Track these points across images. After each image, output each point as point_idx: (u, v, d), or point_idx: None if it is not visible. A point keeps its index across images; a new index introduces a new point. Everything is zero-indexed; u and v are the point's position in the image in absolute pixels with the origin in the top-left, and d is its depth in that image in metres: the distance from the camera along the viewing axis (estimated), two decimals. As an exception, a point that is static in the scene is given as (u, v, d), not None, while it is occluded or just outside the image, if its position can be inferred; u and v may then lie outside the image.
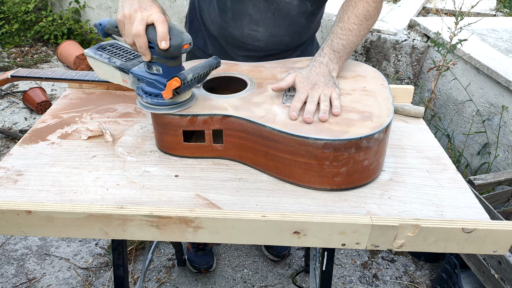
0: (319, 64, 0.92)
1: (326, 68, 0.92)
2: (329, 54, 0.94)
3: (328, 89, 0.86)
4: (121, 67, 0.85)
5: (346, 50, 0.96)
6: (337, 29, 0.98)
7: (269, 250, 1.85)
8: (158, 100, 0.82)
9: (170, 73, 0.80)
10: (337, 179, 0.78)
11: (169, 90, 0.78)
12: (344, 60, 0.97)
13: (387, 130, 0.78)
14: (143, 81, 0.83)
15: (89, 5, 3.88)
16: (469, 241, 0.70)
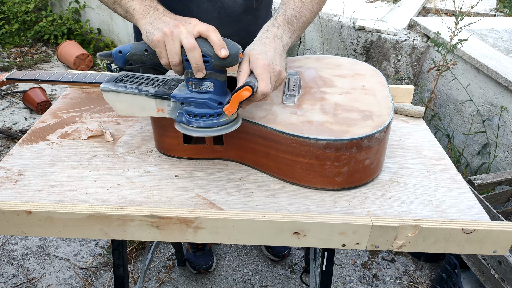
0: (273, 36, 0.80)
1: (281, 42, 0.80)
2: (282, 26, 0.83)
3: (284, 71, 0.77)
4: (158, 94, 0.76)
5: (300, 24, 0.87)
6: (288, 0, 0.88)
7: (269, 250, 1.85)
8: (213, 121, 0.74)
9: (222, 89, 0.74)
10: (339, 179, 0.78)
11: (235, 103, 0.70)
12: (296, 37, 0.87)
13: (387, 129, 0.78)
14: (190, 104, 0.74)
15: (89, 5, 3.88)
16: (469, 242, 0.70)
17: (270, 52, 0.75)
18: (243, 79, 0.72)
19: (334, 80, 0.94)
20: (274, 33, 0.81)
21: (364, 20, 2.38)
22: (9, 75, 0.99)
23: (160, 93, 0.76)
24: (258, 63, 0.73)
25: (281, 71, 0.75)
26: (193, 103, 0.74)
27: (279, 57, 0.76)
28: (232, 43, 0.72)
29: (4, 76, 0.99)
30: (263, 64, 0.72)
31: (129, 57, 0.78)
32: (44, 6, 4.11)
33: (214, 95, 0.73)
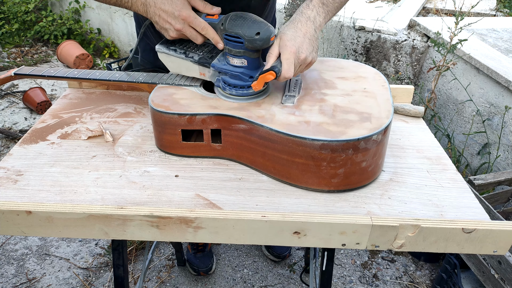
0: (306, 19, 0.85)
1: (313, 25, 0.85)
2: (317, 7, 0.88)
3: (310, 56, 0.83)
4: (201, 61, 0.88)
5: (335, 5, 0.90)
6: None
7: (270, 251, 1.85)
8: (243, 91, 0.85)
9: (255, 64, 0.84)
10: (335, 180, 0.78)
11: (261, 82, 0.81)
12: (330, 17, 0.91)
13: (386, 131, 0.78)
14: (225, 74, 0.86)
15: (89, 5, 3.88)
16: (469, 241, 0.70)
17: (299, 38, 0.82)
18: (271, 62, 0.81)
19: (336, 82, 0.93)
20: (308, 16, 0.85)
21: (364, 20, 2.38)
22: (17, 70, 1.00)
23: (202, 61, 0.88)
24: (285, 49, 0.80)
25: (307, 58, 0.82)
26: (228, 74, 0.85)
27: (307, 42, 0.82)
28: (266, 27, 0.80)
29: (12, 71, 1.00)
30: (290, 51, 0.80)
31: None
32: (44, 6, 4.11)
33: (247, 69, 0.84)
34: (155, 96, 0.88)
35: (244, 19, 0.81)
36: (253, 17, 0.82)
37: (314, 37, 0.85)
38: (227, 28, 0.81)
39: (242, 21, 0.81)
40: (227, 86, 0.86)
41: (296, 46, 0.81)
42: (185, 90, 0.91)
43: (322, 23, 0.88)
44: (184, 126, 0.84)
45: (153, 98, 0.87)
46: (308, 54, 0.82)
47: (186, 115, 0.83)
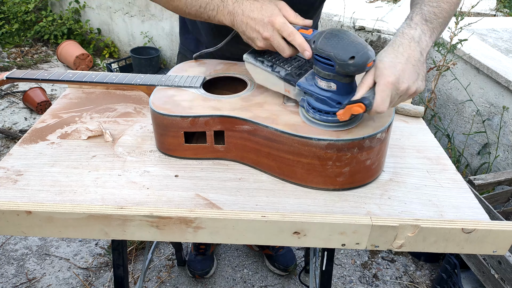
0: (409, 41, 0.72)
1: (418, 47, 0.72)
2: (421, 25, 0.74)
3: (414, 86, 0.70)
4: (287, 78, 0.80)
5: (439, 20, 0.76)
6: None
7: (275, 265, 1.78)
8: (328, 118, 0.75)
9: (345, 90, 0.74)
10: (340, 179, 0.78)
11: (348, 113, 0.71)
12: (437, 36, 0.77)
13: (388, 129, 0.78)
14: (311, 96, 0.77)
15: (89, 5, 3.88)
16: (469, 241, 0.70)
17: (400, 65, 0.69)
18: (362, 92, 0.70)
19: None
20: (411, 36, 0.73)
21: (364, 20, 2.38)
22: (9, 74, 0.99)
23: (288, 77, 0.80)
24: (382, 79, 0.69)
25: (409, 88, 0.69)
26: (313, 97, 0.77)
27: (411, 69, 0.70)
28: (363, 51, 0.69)
29: (4, 75, 0.99)
30: (387, 81, 0.68)
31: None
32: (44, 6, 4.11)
33: (335, 94, 0.74)
34: (155, 98, 0.88)
35: (340, 38, 0.70)
36: (351, 37, 0.70)
37: (420, 62, 0.72)
38: (318, 47, 0.72)
39: (337, 41, 0.70)
40: (311, 109, 0.77)
41: (395, 75, 0.68)
42: (185, 92, 0.90)
43: (428, 43, 0.74)
44: (187, 129, 0.83)
45: (154, 100, 0.87)
46: (411, 83, 0.69)
47: (189, 117, 0.82)
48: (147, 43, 3.59)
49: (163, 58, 3.63)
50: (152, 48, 3.52)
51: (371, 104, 0.69)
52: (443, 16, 0.77)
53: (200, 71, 1.00)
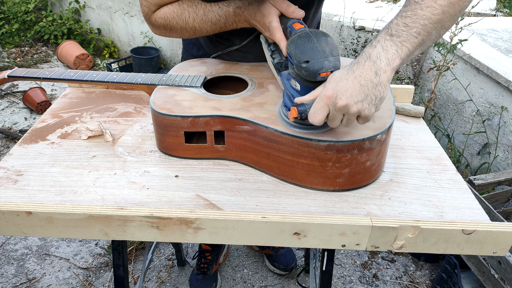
0: (365, 59, 0.68)
1: (373, 66, 0.67)
2: (383, 41, 0.69)
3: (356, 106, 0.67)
4: (276, 66, 0.85)
5: (413, 31, 0.68)
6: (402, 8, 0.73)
7: (275, 264, 1.78)
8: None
9: (306, 93, 0.74)
10: (340, 180, 0.78)
11: (291, 115, 0.72)
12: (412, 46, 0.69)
13: (389, 131, 0.78)
14: (284, 90, 0.80)
15: (89, 5, 3.88)
16: (469, 243, 0.70)
17: (344, 82, 0.67)
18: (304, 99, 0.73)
19: None
20: (368, 55, 0.69)
21: (364, 20, 2.38)
22: (11, 72, 0.99)
23: (277, 66, 0.85)
24: (322, 91, 0.69)
25: (348, 106, 0.66)
26: (285, 90, 0.80)
27: (356, 88, 0.66)
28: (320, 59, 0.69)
29: (5, 74, 0.99)
30: (324, 94, 0.68)
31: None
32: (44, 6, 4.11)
33: (298, 94, 0.76)
34: (156, 97, 0.88)
35: (309, 41, 0.70)
36: (321, 43, 0.69)
37: (372, 83, 0.66)
38: (288, 44, 0.74)
39: (304, 41, 0.70)
40: (283, 102, 0.80)
41: (335, 90, 0.67)
42: (186, 91, 0.90)
43: (391, 60, 0.68)
44: (187, 128, 0.83)
45: (154, 100, 0.86)
46: (352, 102, 0.66)
47: (189, 117, 0.82)
48: (147, 43, 3.59)
49: (163, 58, 3.63)
50: (152, 48, 3.52)
51: (304, 112, 0.70)
52: (421, 24, 0.69)
53: (201, 70, 1.00)
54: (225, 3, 0.89)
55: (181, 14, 0.90)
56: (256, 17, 0.87)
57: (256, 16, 0.86)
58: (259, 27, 0.88)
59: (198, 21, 0.90)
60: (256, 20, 0.87)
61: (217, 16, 0.89)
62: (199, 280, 1.68)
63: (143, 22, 3.57)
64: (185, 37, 0.96)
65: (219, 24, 0.91)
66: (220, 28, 0.91)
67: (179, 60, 3.51)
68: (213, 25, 0.91)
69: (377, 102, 0.68)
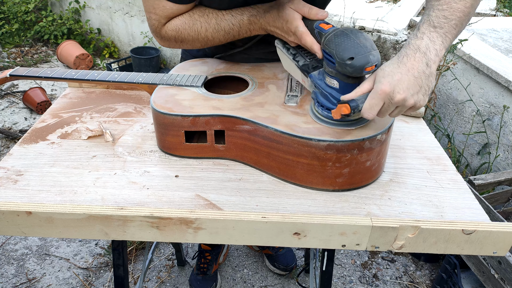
0: (414, 51, 0.69)
1: (424, 58, 0.68)
2: (428, 33, 0.71)
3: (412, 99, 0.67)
4: (303, 68, 0.83)
5: (452, 23, 0.72)
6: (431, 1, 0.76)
7: (276, 264, 1.78)
8: (329, 114, 0.76)
9: (347, 90, 0.73)
10: (340, 180, 0.78)
11: (338, 112, 0.71)
12: (452, 38, 0.73)
13: (389, 131, 0.78)
14: (318, 90, 0.79)
15: (89, 5, 3.88)
16: (469, 243, 0.70)
17: (399, 75, 0.67)
18: (355, 94, 0.71)
19: None
20: (417, 47, 0.69)
21: (364, 20, 2.38)
22: (13, 71, 0.99)
23: (304, 68, 0.83)
24: (378, 86, 0.68)
25: (406, 99, 0.67)
26: (319, 90, 0.79)
27: (411, 81, 0.67)
28: (365, 54, 0.69)
29: (7, 73, 0.99)
30: (380, 89, 0.67)
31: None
32: (44, 6, 4.11)
33: (337, 92, 0.75)
34: (156, 97, 0.88)
35: (347, 38, 0.71)
36: (359, 39, 0.70)
37: (425, 74, 0.68)
38: (324, 43, 0.74)
39: (343, 39, 0.70)
40: (317, 102, 0.79)
41: (391, 84, 0.66)
42: (186, 91, 0.90)
43: (439, 51, 0.70)
44: (188, 128, 0.83)
45: (155, 99, 0.87)
46: (409, 95, 0.66)
47: (189, 116, 0.82)
48: (147, 43, 3.59)
49: (163, 58, 3.63)
50: (152, 48, 3.52)
51: (357, 108, 0.69)
52: (457, 16, 0.73)
53: (202, 70, 1.00)
54: (238, 11, 0.87)
55: (193, 25, 0.88)
56: (277, 24, 0.84)
57: (276, 23, 0.84)
58: (279, 33, 0.86)
59: (210, 31, 0.89)
60: (276, 26, 0.85)
61: (230, 24, 0.88)
62: (199, 280, 1.68)
63: (143, 22, 3.57)
64: (196, 47, 0.94)
65: (233, 33, 0.89)
66: (233, 36, 0.90)
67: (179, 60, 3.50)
68: (226, 34, 0.89)
69: (429, 93, 0.70)
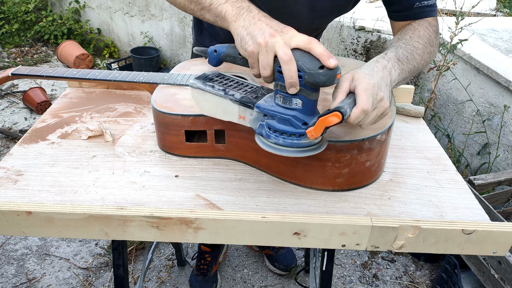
0: (383, 67, 0.74)
1: (389, 76, 0.74)
2: (393, 61, 0.77)
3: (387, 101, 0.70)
4: (243, 101, 0.72)
5: (409, 66, 0.80)
6: (399, 43, 0.84)
7: (276, 264, 1.78)
8: (293, 141, 0.68)
9: (310, 109, 0.68)
10: (339, 180, 0.78)
11: (320, 127, 0.64)
12: (404, 78, 0.80)
13: (389, 131, 0.78)
14: (273, 118, 0.69)
15: (89, 5, 3.88)
16: (469, 242, 0.70)
17: (377, 78, 0.70)
18: (339, 100, 0.68)
19: None
20: (384, 65, 0.75)
21: (364, 20, 2.38)
22: (14, 70, 0.99)
23: (245, 100, 0.73)
24: (363, 80, 0.68)
25: (384, 99, 0.69)
26: (276, 118, 0.69)
27: (384, 86, 0.70)
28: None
29: (9, 71, 0.99)
30: (368, 82, 0.68)
31: (223, 57, 0.77)
32: (44, 6, 4.11)
33: (301, 113, 0.67)
34: (157, 96, 0.88)
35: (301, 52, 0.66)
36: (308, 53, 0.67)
37: (391, 86, 0.73)
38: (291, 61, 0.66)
39: (301, 53, 0.65)
40: (272, 133, 0.69)
41: (375, 80, 0.69)
42: (187, 90, 0.90)
43: (396, 79, 0.76)
44: (188, 127, 0.83)
45: (156, 99, 0.87)
46: (386, 97, 0.69)
47: (190, 116, 0.82)
48: (147, 43, 3.59)
49: (163, 58, 3.63)
50: (152, 48, 3.52)
51: (346, 114, 0.65)
52: (413, 65, 0.81)
53: (203, 69, 1.00)
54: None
55: None
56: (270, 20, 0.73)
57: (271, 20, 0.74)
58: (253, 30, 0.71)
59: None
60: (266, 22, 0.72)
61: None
62: (198, 281, 1.68)
63: (143, 22, 3.57)
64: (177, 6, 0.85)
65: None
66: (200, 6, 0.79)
67: (179, 60, 3.51)
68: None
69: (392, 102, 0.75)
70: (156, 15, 3.44)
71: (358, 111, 0.66)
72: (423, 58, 0.85)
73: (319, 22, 1.05)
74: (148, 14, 3.50)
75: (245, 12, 0.72)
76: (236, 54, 0.75)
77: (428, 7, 0.93)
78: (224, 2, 0.74)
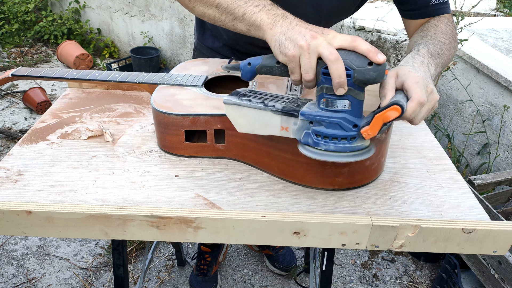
0: (421, 63, 0.74)
1: (428, 70, 0.74)
2: (428, 56, 0.77)
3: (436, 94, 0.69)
4: (285, 110, 0.69)
5: (441, 60, 0.81)
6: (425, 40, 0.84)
7: (276, 265, 1.78)
8: (345, 145, 0.65)
9: (359, 109, 0.65)
10: (339, 179, 0.78)
11: (377, 125, 0.61)
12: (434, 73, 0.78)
13: (388, 130, 0.78)
14: (320, 124, 0.66)
15: (89, 5, 3.88)
16: (469, 242, 0.70)
17: (422, 72, 0.70)
18: (389, 96, 0.66)
19: None
20: (421, 60, 0.75)
21: (364, 20, 2.39)
22: (15, 71, 0.99)
23: (287, 109, 0.69)
24: (410, 75, 0.67)
25: (434, 91, 0.67)
26: (324, 123, 0.65)
27: (429, 79, 0.70)
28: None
29: (9, 73, 0.99)
30: (417, 75, 0.67)
31: (258, 69, 0.73)
32: (44, 6, 4.11)
33: (350, 115, 0.64)
34: (157, 96, 0.88)
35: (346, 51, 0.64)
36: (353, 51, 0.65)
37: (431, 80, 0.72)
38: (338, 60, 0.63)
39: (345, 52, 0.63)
40: (321, 139, 0.66)
41: (421, 74, 0.69)
42: (187, 90, 0.91)
43: (434, 74, 0.75)
44: (188, 127, 0.83)
45: (155, 99, 0.87)
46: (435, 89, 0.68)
47: (189, 116, 0.82)
48: (147, 43, 3.59)
49: (163, 58, 3.63)
50: (152, 48, 3.52)
51: (404, 105, 0.62)
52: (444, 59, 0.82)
53: (203, 70, 1.00)
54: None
55: None
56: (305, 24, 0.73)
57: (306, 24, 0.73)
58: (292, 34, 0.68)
59: None
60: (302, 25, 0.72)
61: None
62: (198, 281, 1.68)
63: (143, 22, 3.57)
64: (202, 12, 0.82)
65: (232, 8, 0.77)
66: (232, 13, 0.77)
67: (179, 60, 3.51)
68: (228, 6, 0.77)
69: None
70: (156, 15, 3.45)
71: (414, 104, 0.64)
72: (450, 52, 0.86)
73: (325, 24, 1.05)
74: (148, 14, 3.50)
75: (281, 19, 0.70)
76: (273, 63, 0.71)
77: (444, 4, 0.96)
78: (258, 11, 0.73)
